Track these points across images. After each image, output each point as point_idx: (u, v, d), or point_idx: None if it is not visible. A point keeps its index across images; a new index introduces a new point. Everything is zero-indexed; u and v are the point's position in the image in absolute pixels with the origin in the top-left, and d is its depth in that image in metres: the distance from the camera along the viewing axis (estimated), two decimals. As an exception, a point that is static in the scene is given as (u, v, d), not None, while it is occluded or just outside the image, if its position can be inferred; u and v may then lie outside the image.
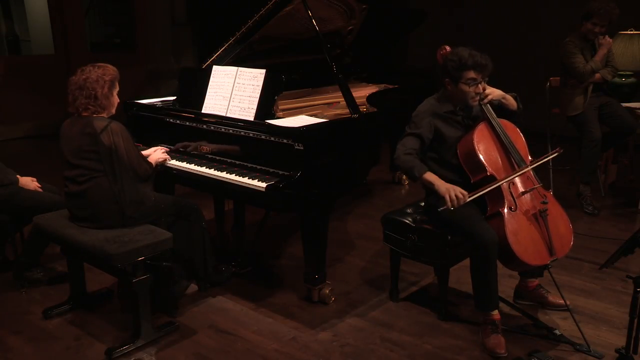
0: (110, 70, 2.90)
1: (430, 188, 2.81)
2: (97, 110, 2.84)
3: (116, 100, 2.94)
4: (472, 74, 2.82)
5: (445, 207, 2.69)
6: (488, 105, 2.93)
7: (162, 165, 3.26)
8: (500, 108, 3.02)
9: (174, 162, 3.33)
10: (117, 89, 2.94)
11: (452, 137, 2.94)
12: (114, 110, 2.95)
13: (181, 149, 3.46)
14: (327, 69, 3.46)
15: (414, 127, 2.94)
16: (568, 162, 5.36)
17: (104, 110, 2.87)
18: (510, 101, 3.03)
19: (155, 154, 3.26)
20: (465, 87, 2.85)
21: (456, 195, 2.68)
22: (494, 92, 2.94)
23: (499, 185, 2.79)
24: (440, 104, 2.96)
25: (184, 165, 3.29)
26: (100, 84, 2.82)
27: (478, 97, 2.90)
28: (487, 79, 2.91)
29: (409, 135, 2.93)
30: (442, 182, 2.77)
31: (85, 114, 2.84)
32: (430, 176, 2.80)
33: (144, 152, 3.24)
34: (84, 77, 2.84)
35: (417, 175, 2.82)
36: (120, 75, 2.95)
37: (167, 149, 3.39)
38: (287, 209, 3.24)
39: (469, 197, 2.71)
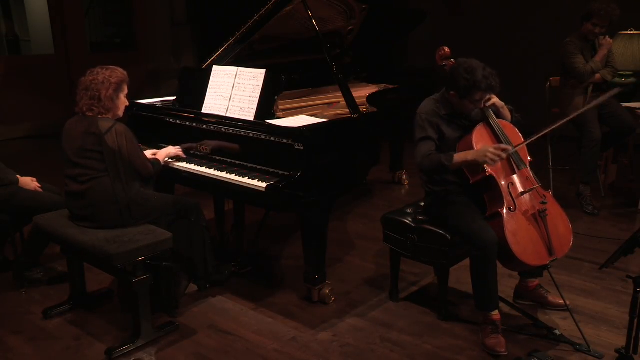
0: (118, 73, 2.90)
1: (469, 166, 2.78)
2: (100, 111, 2.85)
3: (123, 102, 2.94)
4: (480, 95, 2.80)
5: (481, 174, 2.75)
6: (489, 109, 2.93)
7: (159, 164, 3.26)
8: (496, 114, 3.02)
9: (173, 162, 3.33)
10: (126, 92, 2.95)
11: (451, 137, 2.94)
12: (120, 113, 2.96)
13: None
14: (327, 69, 3.47)
15: (422, 132, 2.90)
16: (568, 162, 5.36)
17: (108, 112, 2.88)
18: (506, 112, 3.03)
19: (167, 149, 3.28)
20: (470, 105, 2.85)
21: (494, 154, 2.66)
22: (496, 99, 2.93)
23: (499, 187, 2.80)
24: (440, 106, 2.94)
25: (184, 165, 3.29)
26: (106, 86, 2.83)
27: (477, 110, 2.90)
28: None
29: (420, 140, 2.89)
30: (472, 151, 2.77)
31: (89, 114, 2.85)
32: (459, 156, 2.78)
33: (153, 152, 3.27)
34: (91, 78, 2.86)
35: (448, 164, 2.78)
36: (129, 82, 2.96)
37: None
38: (287, 209, 3.25)
39: (513, 148, 2.76)
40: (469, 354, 2.75)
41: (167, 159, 3.30)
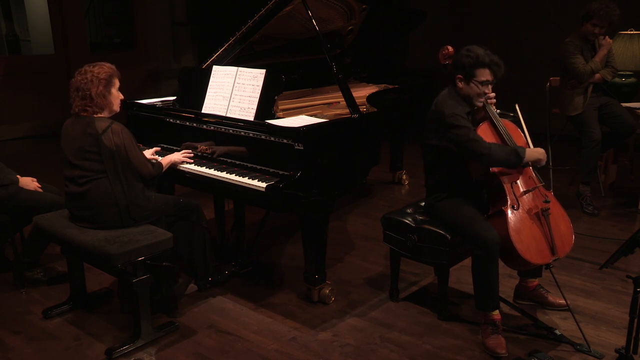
0: (106, 68, 2.88)
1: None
2: (95, 110, 2.84)
3: (116, 97, 2.91)
4: (487, 74, 2.80)
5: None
6: (491, 106, 2.93)
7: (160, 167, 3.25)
8: None
9: (179, 165, 3.33)
10: (117, 85, 2.91)
11: None
12: (115, 108, 2.93)
13: (181, 149, 3.46)
14: (327, 69, 3.46)
15: (466, 125, 2.80)
16: (568, 162, 5.36)
17: (103, 110, 2.86)
18: None
19: (172, 156, 3.26)
20: (476, 87, 2.84)
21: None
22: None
23: (502, 185, 2.80)
24: (457, 105, 2.88)
25: (184, 165, 3.29)
26: (95, 84, 2.81)
27: (484, 98, 2.89)
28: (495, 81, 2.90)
29: (469, 131, 2.79)
30: (536, 149, 2.87)
31: (84, 114, 2.84)
32: (530, 153, 2.83)
33: (152, 151, 3.27)
34: (80, 78, 2.84)
35: (522, 156, 2.77)
36: (120, 74, 2.94)
37: (190, 153, 3.35)
38: (287, 209, 3.25)
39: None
40: (469, 354, 2.75)
41: (170, 165, 3.26)
